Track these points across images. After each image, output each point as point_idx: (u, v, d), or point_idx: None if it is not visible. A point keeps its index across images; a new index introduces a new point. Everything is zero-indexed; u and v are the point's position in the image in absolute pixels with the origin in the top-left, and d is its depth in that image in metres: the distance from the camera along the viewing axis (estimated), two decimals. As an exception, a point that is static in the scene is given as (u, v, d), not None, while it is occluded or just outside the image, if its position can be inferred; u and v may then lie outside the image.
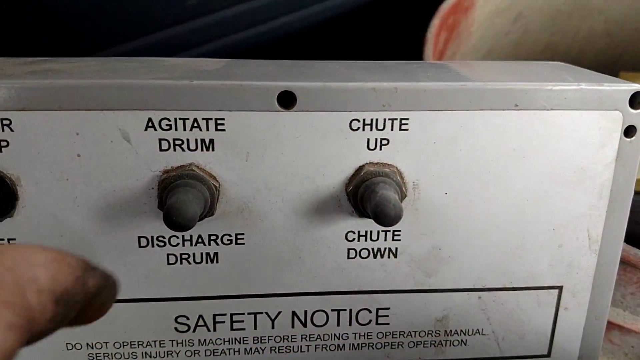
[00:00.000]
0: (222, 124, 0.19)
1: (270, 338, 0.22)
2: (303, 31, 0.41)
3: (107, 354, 0.21)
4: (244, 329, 0.22)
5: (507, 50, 0.50)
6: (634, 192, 0.22)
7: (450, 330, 0.23)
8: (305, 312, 0.22)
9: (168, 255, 0.20)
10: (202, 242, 0.20)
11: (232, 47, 0.39)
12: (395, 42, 0.46)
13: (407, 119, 0.20)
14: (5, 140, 0.18)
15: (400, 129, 0.20)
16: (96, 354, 0.21)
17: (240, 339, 0.22)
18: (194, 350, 0.22)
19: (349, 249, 0.21)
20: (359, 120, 0.20)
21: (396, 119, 0.20)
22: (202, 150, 0.19)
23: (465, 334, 0.23)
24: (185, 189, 0.18)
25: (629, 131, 0.21)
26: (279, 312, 0.22)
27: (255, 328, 0.22)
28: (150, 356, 0.22)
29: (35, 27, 0.34)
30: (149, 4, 0.35)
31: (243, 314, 0.22)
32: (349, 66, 0.23)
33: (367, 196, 0.19)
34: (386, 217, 0.18)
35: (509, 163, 0.20)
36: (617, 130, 0.20)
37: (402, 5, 0.45)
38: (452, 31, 0.41)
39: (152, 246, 0.20)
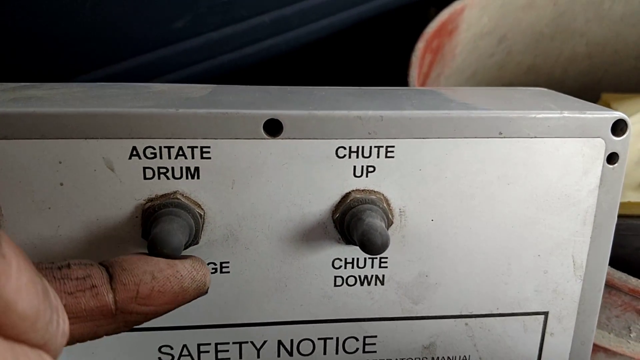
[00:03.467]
0: (208, 152, 0.19)
1: (256, 367, 0.22)
2: (290, 53, 0.41)
3: (88, 386, 0.21)
4: (229, 359, 0.21)
5: (492, 71, 0.51)
6: (617, 216, 0.22)
7: (438, 358, 0.23)
8: (292, 340, 0.22)
9: (152, 284, 0.20)
10: (187, 270, 0.20)
11: (219, 68, 0.39)
12: (381, 64, 0.46)
13: (393, 146, 0.20)
14: (-13, 169, 0.18)
15: (386, 157, 0.20)
16: (77, 385, 0.21)
17: (225, 368, 0.22)
18: (178, 381, 0.21)
19: (335, 277, 0.21)
20: (345, 148, 0.20)
21: (382, 147, 0.20)
22: (187, 178, 0.19)
23: (452, 361, 0.23)
24: (169, 218, 0.18)
25: (611, 158, 0.21)
26: (265, 342, 0.21)
27: (240, 358, 0.21)
28: (133, 387, 0.21)
29: (19, 49, 0.33)
30: (135, 26, 0.35)
31: (228, 343, 0.21)
32: (335, 92, 0.23)
33: (354, 224, 0.19)
34: (373, 245, 0.18)
35: (494, 190, 0.21)
36: (599, 157, 0.21)
37: (388, 28, 0.46)
38: (436, 54, 0.41)
39: (136, 275, 0.20)
